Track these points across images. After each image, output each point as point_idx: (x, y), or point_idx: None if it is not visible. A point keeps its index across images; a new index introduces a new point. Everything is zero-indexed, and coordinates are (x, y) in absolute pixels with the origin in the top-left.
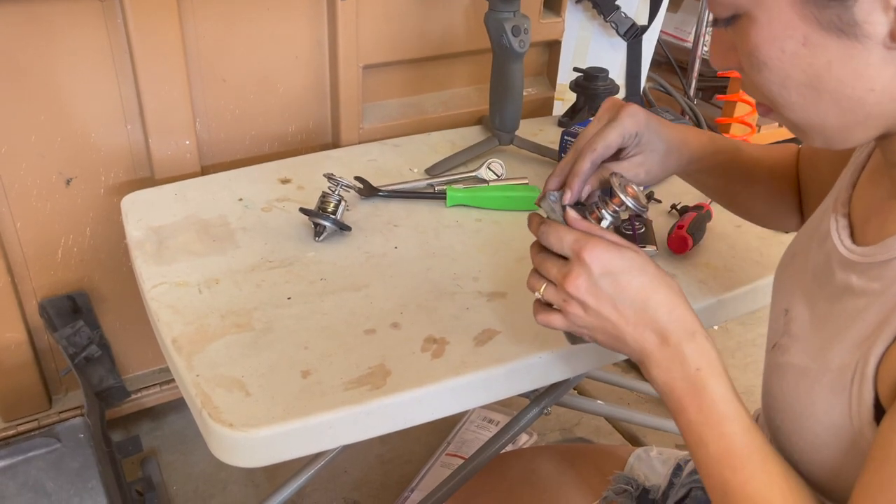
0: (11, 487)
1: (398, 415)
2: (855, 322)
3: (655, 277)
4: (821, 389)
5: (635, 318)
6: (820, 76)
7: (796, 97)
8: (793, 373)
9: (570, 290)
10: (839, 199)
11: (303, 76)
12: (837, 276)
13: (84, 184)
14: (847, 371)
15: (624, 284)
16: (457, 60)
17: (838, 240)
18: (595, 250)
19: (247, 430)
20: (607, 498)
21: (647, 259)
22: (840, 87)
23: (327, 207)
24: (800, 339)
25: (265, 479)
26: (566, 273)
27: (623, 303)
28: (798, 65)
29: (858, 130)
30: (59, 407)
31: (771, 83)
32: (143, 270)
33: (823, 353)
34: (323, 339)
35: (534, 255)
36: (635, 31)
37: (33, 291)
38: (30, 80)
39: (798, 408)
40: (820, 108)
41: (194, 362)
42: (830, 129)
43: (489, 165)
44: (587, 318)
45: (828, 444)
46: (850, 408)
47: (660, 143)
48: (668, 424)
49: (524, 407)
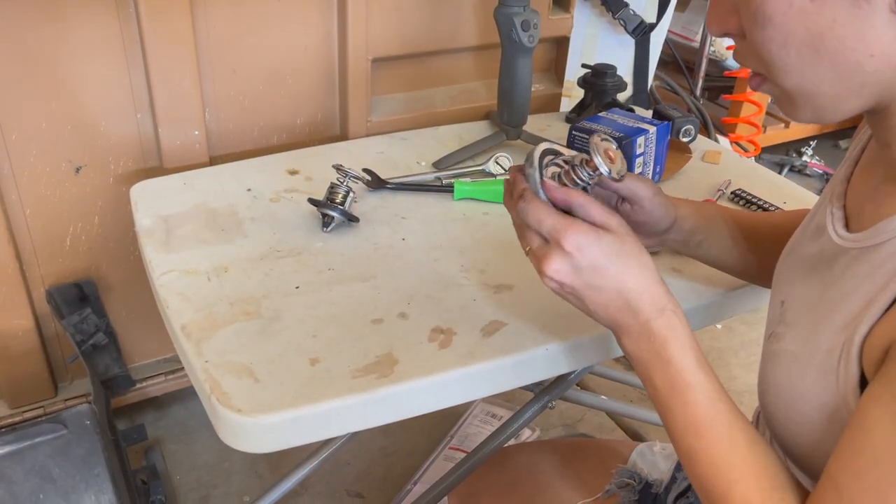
0: (18, 472)
1: (405, 403)
2: (843, 304)
3: (629, 258)
4: (811, 372)
5: (608, 299)
6: (822, 35)
7: (795, 58)
8: (786, 358)
9: (548, 273)
10: (834, 192)
11: (312, 68)
12: (831, 265)
13: (93, 172)
14: (835, 352)
15: (602, 272)
16: (465, 55)
17: (833, 230)
18: (575, 238)
19: (255, 415)
20: (610, 492)
21: (623, 238)
22: (840, 50)
23: (336, 198)
24: (793, 326)
25: (268, 470)
26: (545, 255)
27: (599, 287)
28: (803, 21)
29: (851, 99)
30: (64, 395)
31: (772, 41)
32: (153, 258)
33: (813, 337)
34: (331, 328)
35: (511, 211)
36: (643, 28)
37: (41, 279)
38: (41, 68)
39: (791, 392)
40: (817, 72)
41: (203, 349)
42: (824, 97)
43: (497, 159)
44: (562, 292)
45: (818, 425)
46: (838, 387)
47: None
48: None
49: (528, 401)
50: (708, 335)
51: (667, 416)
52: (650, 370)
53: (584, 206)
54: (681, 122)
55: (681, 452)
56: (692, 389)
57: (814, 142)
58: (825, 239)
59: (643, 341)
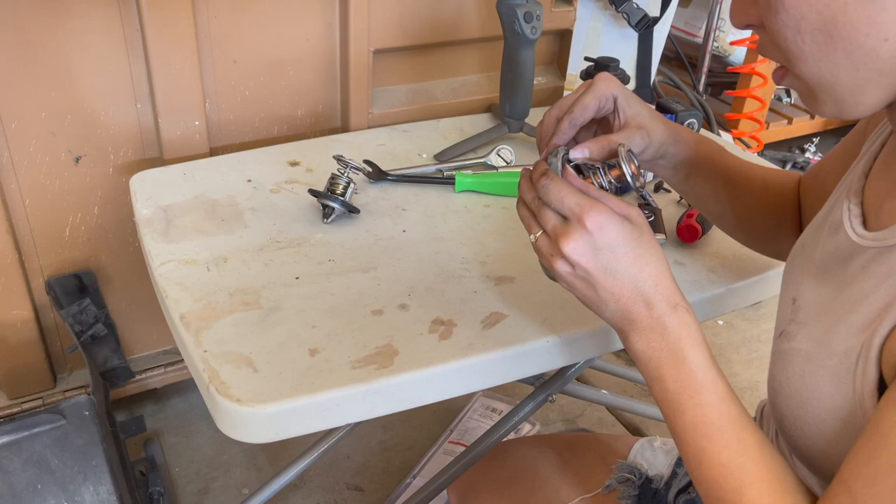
0: (16, 463)
1: (405, 394)
2: (861, 305)
3: (649, 248)
4: (826, 374)
5: (622, 287)
6: (835, 19)
7: (810, 44)
8: (798, 359)
9: (566, 251)
10: (852, 187)
11: (313, 59)
12: (847, 263)
13: (93, 162)
14: (852, 354)
15: (620, 255)
16: (467, 47)
17: (850, 227)
18: (598, 217)
19: (254, 405)
20: (610, 487)
21: (642, 229)
22: (854, 34)
23: (336, 189)
24: (806, 325)
25: (267, 463)
26: (563, 232)
27: (615, 272)
28: (814, 5)
29: (870, 90)
30: (63, 386)
31: (786, 27)
32: (152, 248)
33: (829, 338)
34: (331, 319)
35: (527, 194)
36: (647, 22)
37: (40, 269)
38: (41, 57)
39: (804, 393)
40: (832, 59)
41: (202, 338)
42: (842, 87)
43: (499, 152)
44: (573, 278)
45: (833, 427)
46: (854, 390)
47: (642, 108)
48: None
49: (528, 394)
50: (709, 331)
51: (675, 416)
52: (662, 368)
53: (604, 197)
54: (684, 115)
55: (689, 453)
56: (705, 389)
57: (816, 138)
58: (841, 236)
59: (655, 338)
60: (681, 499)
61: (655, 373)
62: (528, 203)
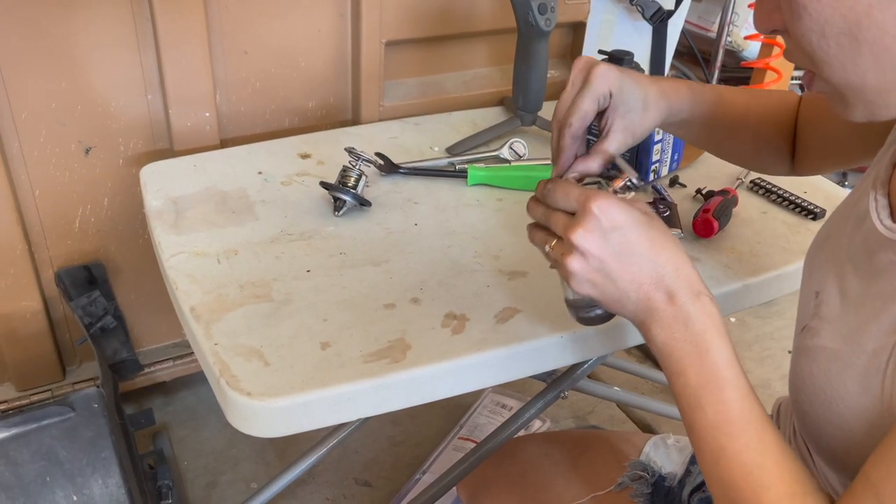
0: (25, 454)
1: (417, 389)
2: (893, 303)
3: (663, 234)
4: (853, 373)
5: (641, 272)
6: (860, 22)
7: (835, 48)
8: (824, 356)
9: (575, 241)
10: (879, 178)
11: (325, 50)
12: (875, 257)
13: (103, 153)
14: (882, 353)
15: (632, 239)
16: (480, 40)
17: (877, 219)
18: (604, 202)
19: (265, 399)
20: (622, 484)
21: (651, 217)
22: (880, 36)
23: (348, 182)
24: (830, 321)
25: (276, 458)
26: (571, 224)
27: (630, 259)
28: (837, 9)
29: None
30: (72, 378)
31: (811, 32)
32: (162, 239)
33: (858, 336)
34: (342, 312)
35: (536, 211)
36: (661, 15)
37: (50, 261)
38: (51, 47)
39: (829, 392)
40: (859, 62)
41: (213, 331)
42: (871, 91)
43: (511, 145)
44: (589, 271)
45: (857, 429)
46: (883, 391)
47: (636, 100)
48: None
49: (540, 390)
50: None
51: (695, 413)
52: (684, 362)
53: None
54: None
55: (706, 451)
56: (728, 386)
57: None
58: (868, 228)
59: (678, 329)
60: (695, 497)
61: (677, 366)
62: (539, 219)
